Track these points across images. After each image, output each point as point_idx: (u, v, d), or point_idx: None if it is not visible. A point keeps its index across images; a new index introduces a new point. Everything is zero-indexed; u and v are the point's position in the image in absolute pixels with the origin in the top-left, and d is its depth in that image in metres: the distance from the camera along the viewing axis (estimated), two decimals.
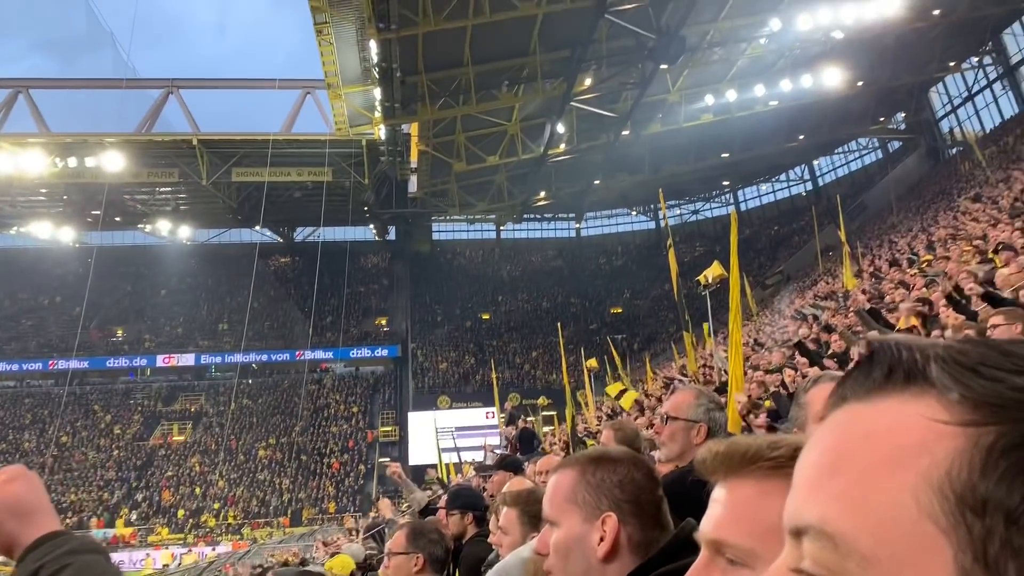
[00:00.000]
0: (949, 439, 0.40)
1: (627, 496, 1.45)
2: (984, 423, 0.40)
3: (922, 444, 0.41)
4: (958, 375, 0.42)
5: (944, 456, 0.40)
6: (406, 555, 3.28)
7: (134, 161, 41.29)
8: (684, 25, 27.74)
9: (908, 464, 0.41)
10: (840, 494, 0.43)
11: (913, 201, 37.37)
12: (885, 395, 0.45)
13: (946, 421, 0.41)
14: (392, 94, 30.63)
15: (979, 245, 11.84)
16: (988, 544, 0.38)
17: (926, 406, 0.42)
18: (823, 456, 0.46)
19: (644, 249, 58.97)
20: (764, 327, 25.49)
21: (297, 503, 40.25)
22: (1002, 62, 40.38)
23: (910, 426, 0.42)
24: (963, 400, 0.41)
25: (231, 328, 50.29)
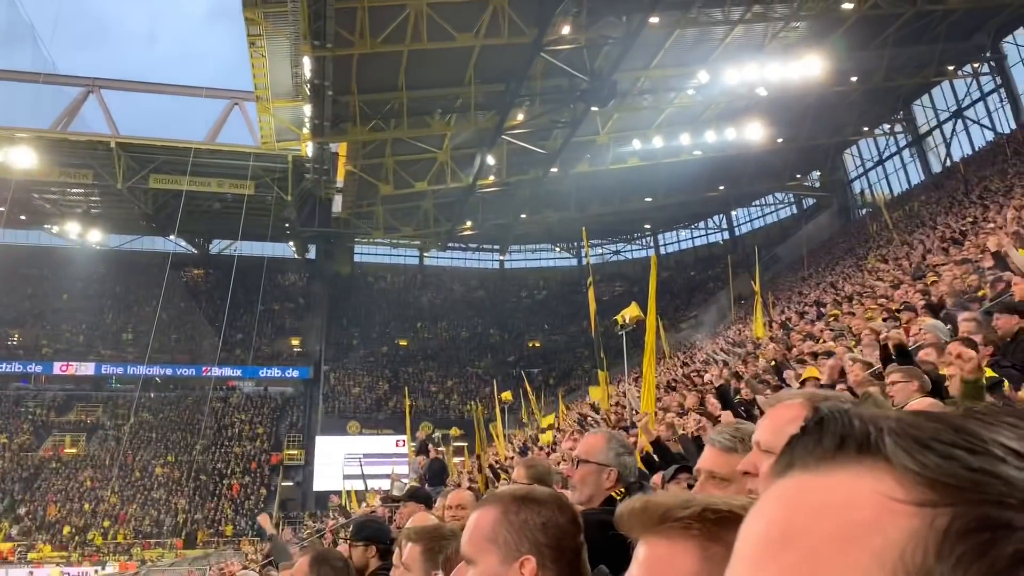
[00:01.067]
0: (904, 518, 0.39)
1: (549, 540, 1.42)
2: (940, 504, 0.39)
3: (875, 522, 0.40)
4: (913, 451, 0.41)
5: (898, 536, 0.39)
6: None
7: (46, 159, 39.64)
8: (617, 70, 28.42)
9: (860, 542, 0.39)
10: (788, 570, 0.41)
11: (824, 256, 38.91)
12: (836, 467, 0.43)
13: (901, 500, 0.40)
14: (322, 112, 30.34)
15: (883, 303, 12.34)
16: None
17: (880, 482, 0.41)
18: (770, 528, 0.43)
19: (565, 285, 59.55)
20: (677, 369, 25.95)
21: (193, 524, 38.72)
22: (911, 131, 42.73)
23: (863, 502, 0.41)
24: (919, 478, 0.40)
25: (136, 339, 48.40)
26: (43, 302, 50.65)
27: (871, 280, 20.10)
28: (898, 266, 20.34)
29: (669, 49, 32.03)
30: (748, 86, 34.25)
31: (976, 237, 16.18)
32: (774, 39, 32.52)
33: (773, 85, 33.70)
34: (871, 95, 37.78)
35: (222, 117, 43.29)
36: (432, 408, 47.61)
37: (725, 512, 0.81)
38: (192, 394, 47.47)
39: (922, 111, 42.09)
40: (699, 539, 0.81)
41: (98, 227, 51.11)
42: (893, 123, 43.52)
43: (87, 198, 47.56)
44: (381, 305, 56.60)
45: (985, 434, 0.41)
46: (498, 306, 58.37)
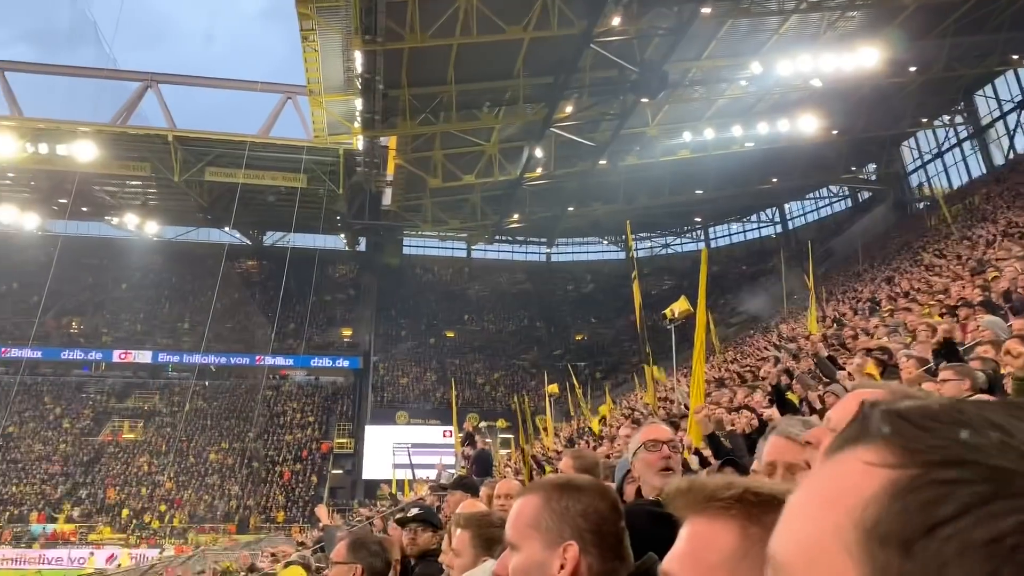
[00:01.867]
0: (875, 479, 0.46)
1: (590, 526, 1.44)
2: (904, 467, 0.45)
3: (854, 486, 0.47)
4: (896, 426, 0.48)
5: (868, 495, 0.45)
6: (345, 565, 3.30)
7: (106, 152, 40.74)
8: (667, 61, 28.13)
9: (840, 503, 0.47)
10: (794, 530, 0.50)
11: (878, 251, 38.06)
12: (848, 448, 0.50)
13: (876, 464, 0.47)
14: (373, 106, 30.59)
15: (941, 299, 12.07)
16: (887, 572, 0.43)
17: (867, 454, 0.48)
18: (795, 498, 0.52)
19: (613, 279, 59.18)
20: (727, 365, 25.69)
21: (245, 510, 39.58)
22: (973, 122, 41.49)
23: (849, 471, 0.48)
24: (893, 447, 0.47)
25: (191, 328, 49.57)
26: (103, 291, 52.14)
27: (928, 275, 19.63)
28: (957, 261, 19.82)
29: (721, 40, 31.61)
30: (802, 77, 33.63)
31: None
32: (830, 29, 31.85)
33: (828, 76, 33.02)
34: (930, 86, 36.80)
35: (275, 111, 43.96)
36: (478, 400, 47.86)
37: (766, 495, 0.84)
38: (245, 382, 48.44)
39: (984, 102, 40.86)
40: (739, 519, 0.84)
41: (155, 219, 52.34)
42: (953, 114, 42.30)
43: (145, 190, 48.77)
44: (429, 297, 57.01)
45: (969, 410, 0.47)
46: (545, 299, 58.34)
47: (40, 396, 46.12)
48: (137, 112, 44.11)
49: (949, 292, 12.60)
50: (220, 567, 18.70)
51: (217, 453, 42.95)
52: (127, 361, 48.05)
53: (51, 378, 47.60)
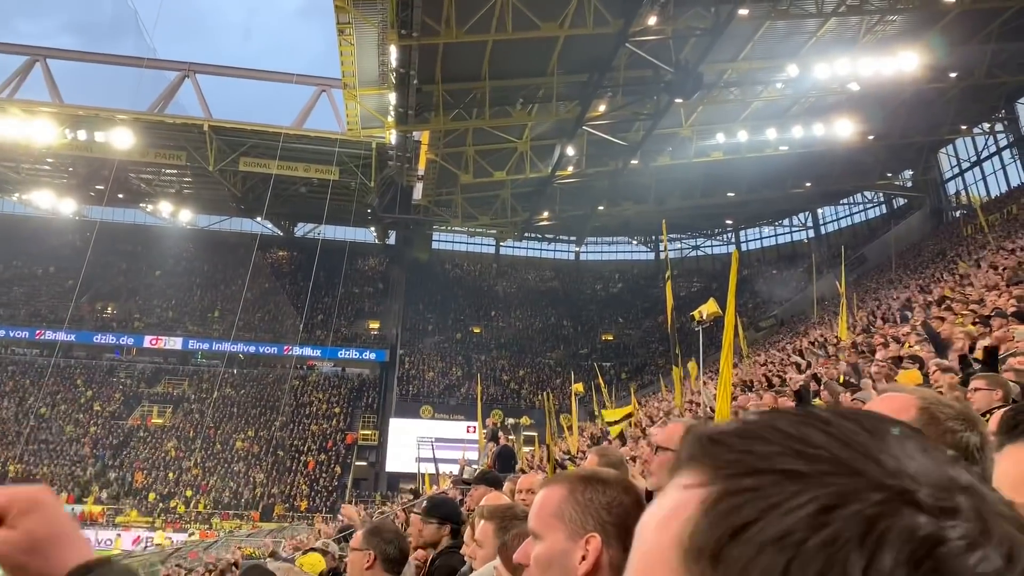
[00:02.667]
0: (691, 500, 0.48)
1: (614, 519, 1.45)
2: (709, 483, 0.48)
3: (675, 508, 0.49)
4: (707, 447, 0.51)
5: (686, 516, 0.48)
6: (360, 551, 3.39)
7: (143, 140, 41.34)
8: (703, 62, 27.91)
9: (667, 526, 0.49)
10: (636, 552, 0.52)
11: (912, 259, 37.53)
12: (676, 472, 0.53)
13: (692, 485, 0.49)
14: (407, 100, 30.72)
15: (976, 309, 11.88)
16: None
17: (684, 476, 0.51)
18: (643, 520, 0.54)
19: (641, 279, 59.03)
20: (756, 368, 25.51)
21: (269, 498, 39.99)
22: (1013, 130, 40.70)
23: (673, 495, 0.50)
24: (703, 467, 0.49)
25: (222, 316, 50.18)
26: (136, 278, 52.94)
27: (963, 284, 19.32)
28: (994, 270, 19.48)
29: (758, 42, 31.31)
30: (839, 81, 33.21)
31: None
32: (869, 33, 31.43)
33: (866, 80, 32.57)
34: (971, 92, 36.14)
35: (310, 104, 44.29)
36: (503, 396, 47.93)
37: None
38: (273, 372, 48.93)
39: None
40: None
41: (189, 207, 53.04)
42: (994, 122, 41.53)
43: (180, 179, 49.43)
44: (456, 292, 57.16)
45: (763, 422, 0.51)
46: (572, 297, 58.26)
47: (72, 379, 46.94)
48: (174, 102, 44.69)
49: (984, 301, 12.40)
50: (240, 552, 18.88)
51: (243, 441, 43.45)
52: (158, 347, 48.77)
53: (84, 361, 48.44)
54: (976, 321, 10.28)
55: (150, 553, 29.54)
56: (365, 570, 3.34)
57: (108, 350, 49.20)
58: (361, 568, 3.35)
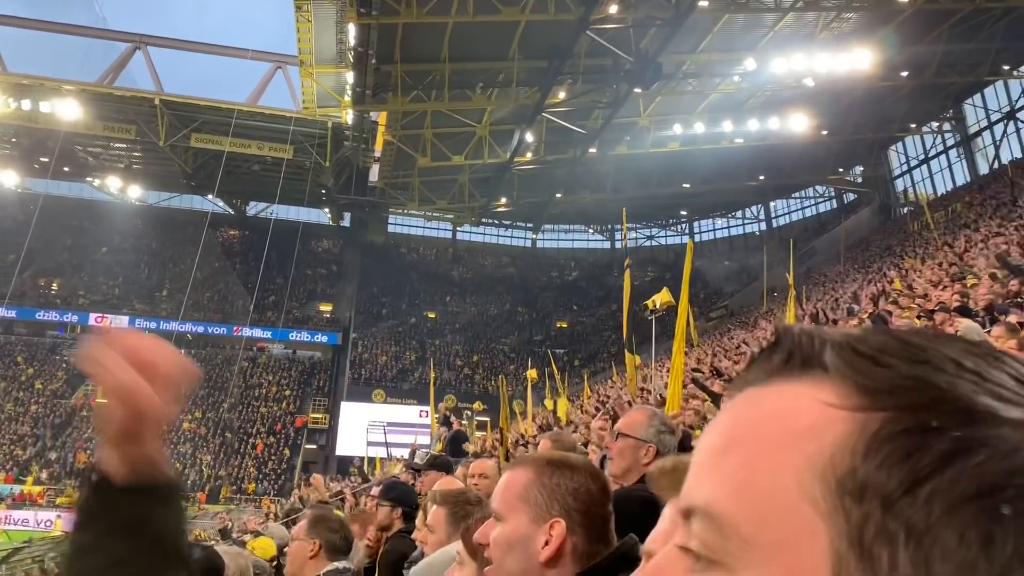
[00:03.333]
0: (838, 424, 0.40)
1: (579, 505, 1.43)
2: (871, 409, 0.40)
3: (812, 428, 0.41)
4: (852, 361, 0.42)
5: (831, 440, 0.40)
6: (304, 541, 3.36)
7: (91, 112, 40.23)
8: (662, 52, 28.04)
9: (796, 447, 0.41)
10: (728, 476, 0.43)
11: (860, 253, 38.35)
12: (782, 380, 0.45)
13: (836, 405, 0.41)
14: (364, 80, 30.36)
15: (920, 304, 12.16)
16: (864, 529, 0.38)
17: (819, 391, 0.42)
18: (717, 437, 0.46)
19: (597, 268, 59.37)
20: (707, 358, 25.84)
21: (216, 480, 39.47)
22: (960, 130, 41.79)
23: (802, 410, 0.42)
24: (854, 385, 0.41)
25: (170, 295, 49.21)
26: (82, 254, 51.60)
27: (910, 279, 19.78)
28: (939, 267, 19.98)
29: (717, 34, 31.57)
30: (795, 76, 33.67)
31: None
32: (825, 29, 31.90)
33: (821, 76, 33.09)
34: (921, 91, 36.99)
35: (265, 80, 43.53)
36: (457, 381, 47.92)
37: None
38: (222, 353, 48.17)
39: (973, 111, 41.14)
40: None
41: (138, 183, 51.83)
42: (942, 121, 42.57)
43: (129, 154, 48.21)
44: (412, 276, 56.86)
45: (929, 347, 0.42)
46: (528, 284, 58.38)
47: (12, 356, 45.66)
48: (125, 74, 43.48)
49: (928, 296, 12.70)
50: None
51: (191, 422, 42.76)
52: (103, 325, 47.54)
53: (25, 338, 47.12)
54: (921, 315, 10.52)
55: None
56: (309, 559, 3.31)
57: (51, 327, 47.91)
58: (304, 557, 3.31)
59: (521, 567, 1.41)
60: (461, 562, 1.88)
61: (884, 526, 0.38)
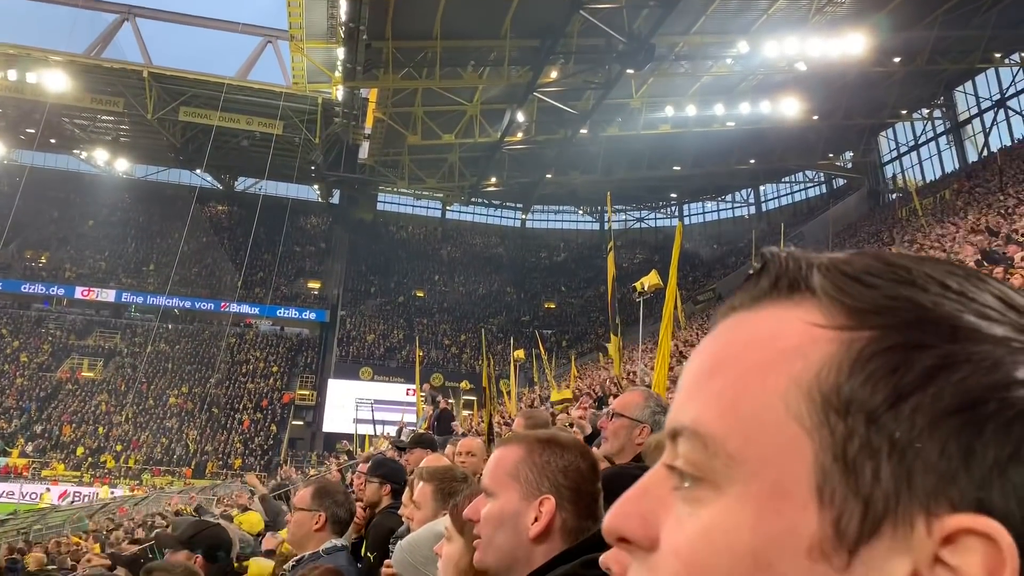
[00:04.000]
0: (824, 343, 0.42)
1: (569, 483, 1.45)
2: (857, 328, 0.41)
3: (798, 348, 0.42)
4: (838, 282, 0.43)
5: (817, 359, 0.41)
6: (308, 512, 3.28)
7: (79, 84, 39.76)
8: (655, 34, 27.93)
9: (782, 367, 0.42)
10: (715, 396, 0.44)
11: (849, 239, 38.50)
12: (769, 303, 0.46)
13: (822, 325, 0.42)
14: (355, 56, 30.09)
15: None
16: (848, 443, 0.39)
17: (806, 312, 0.43)
18: (704, 361, 0.47)
19: (586, 249, 59.42)
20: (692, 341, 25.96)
21: (203, 455, 39.49)
22: (951, 117, 41.86)
23: (788, 331, 0.43)
24: (840, 306, 0.42)
25: (157, 270, 48.95)
26: (68, 227, 51.22)
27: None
28: (924, 253, 20.09)
29: (711, 16, 31.43)
30: (788, 60, 33.63)
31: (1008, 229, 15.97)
32: (818, 13, 31.80)
33: (813, 60, 33.05)
34: (913, 78, 37.00)
35: (255, 55, 43.15)
36: (444, 360, 47.99)
37: None
38: (209, 328, 48.04)
39: (964, 98, 41.19)
40: None
41: (126, 156, 51.36)
42: (932, 108, 42.63)
43: (117, 126, 47.73)
44: (401, 255, 56.76)
45: (914, 268, 0.43)
46: (516, 265, 58.35)
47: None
48: (113, 46, 43.03)
49: None
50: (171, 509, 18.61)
51: (177, 397, 42.70)
52: (89, 299, 47.39)
53: (10, 311, 46.79)
54: None
55: (78, 507, 28.95)
56: (314, 531, 3.23)
57: (37, 300, 47.59)
58: (309, 529, 3.24)
59: (511, 543, 1.44)
60: (449, 538, 1.91)
61: (868, 440, 0.39)
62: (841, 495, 0.39)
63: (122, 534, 14.93)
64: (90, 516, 24.01)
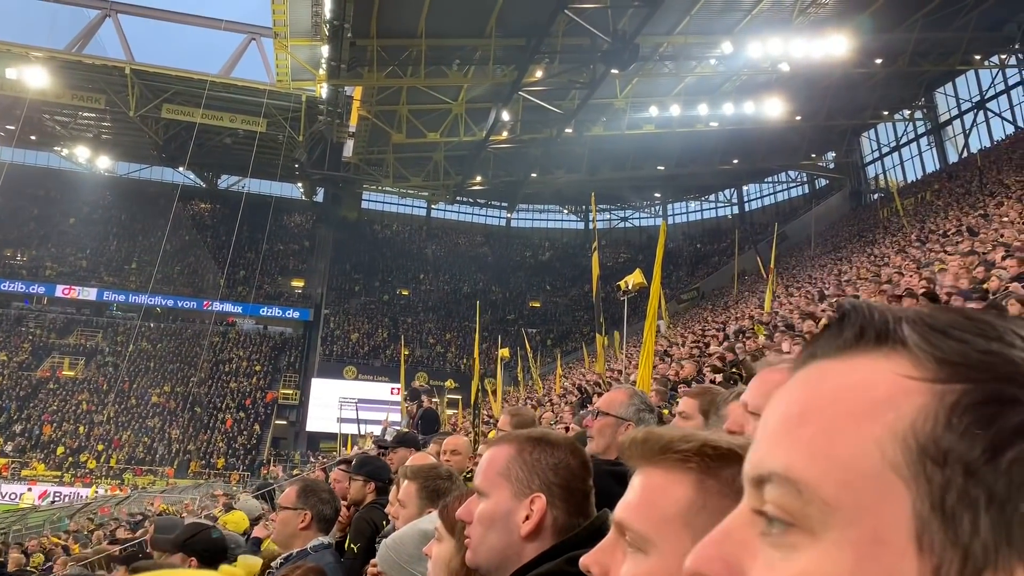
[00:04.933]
0: (916, 395, 0.42)
1: (559, 480, 1.46)
2: (950, 381, 0.42)
3: (890, 398, 0.43)
4: (929, 336, 0.44)
5: (910, 410, 0.42)
6: (294, 510, 3.28)
7: (60, 80, 39.36)
8: (640, 34, 27.98)
9: (875, 416, 0.43)
10: (807, 443, 0.44)
11: (831, 238, 38.76)
12: (856, 353, 0.46)
13: (915, 377, 0.43)
14: (340, 54, 30.01)
15: (887, 289, 12.36)
16: (946, 493, 0.40)
17: (896, 364, 0.44)
18: (791, 407, 0.47)
19: (570, 248, 59.53)
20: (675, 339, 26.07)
21: (185, 455, 39.24)
22: (931, 118, 42.27)
23: (879, 381, 0.44)
24: (932, 359, 0.43)
25: (139, 268, 48.59)
26: (49, 224, 50.72)
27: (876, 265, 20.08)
28: (905, 254, 20.29)
29: (695, 16, 31.55)
30: (771, 61, 33.81)
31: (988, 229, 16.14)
32: (802, 14, 32.00)
33: (797, 61, 33.25)
34: (894, 79, 37.31)
35: (238, 52, 42.84)
36: (429, 359, 47.94)
37: (724, 449, 0.83)
38: (192, 327, 47.74)
39: (944, 99, 41.60)
40: (696, 472, 0.83)
41: (107, 153, 50.93)
42: (914, 109, 43.03)
43: (98, 123, 47.32)
44: (385, 253, 56.63)
45: (999, 324, 0.44)
46: (501, 263, 58.36)
47: None
48: (94, 42, 42.53)
49: (894, 281, 12.91)
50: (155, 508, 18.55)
51: (159, 396, 42.41)
52: (70, 297, 46.96)
53: None
54: (889, 301, 10.70)
55: (58, 507, 28.71)
56: (300, 530, 3.24)
57: (17, 298, 47.10)
58: (295, 528, 3.25)
59: (503, 541, 1.45)
60: (439, 538, 1.92)
61: (966, 491, 0.39)
62: (940, 544, 0.39)
63: (103, 534, 14.82)
64: (70, 516, 23.82)
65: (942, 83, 40.47)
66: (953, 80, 39.92)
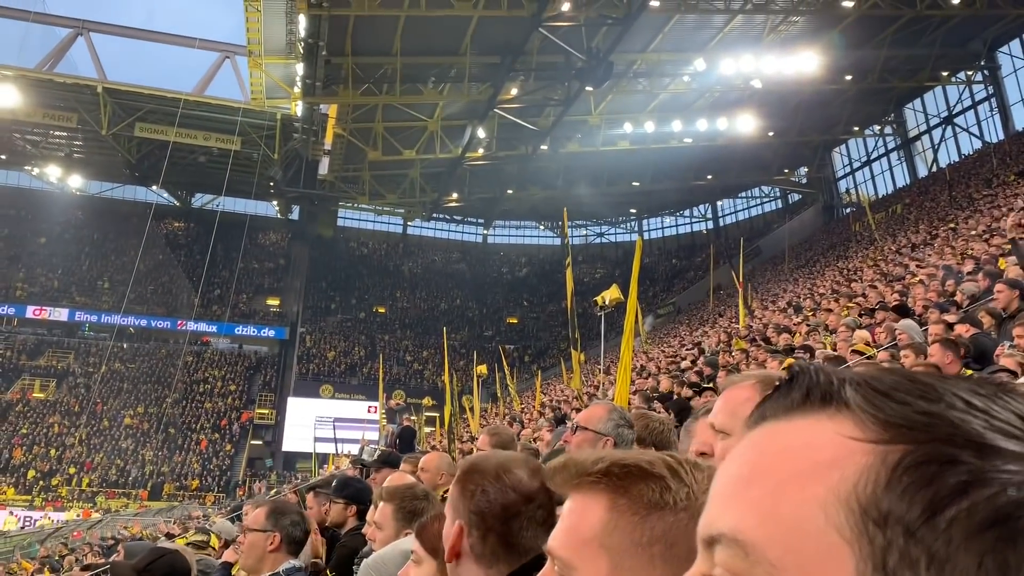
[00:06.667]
0: (860, 455, 0.43)
1: (474, 508, 1.50)
2: (892, 442, 0.43)
3: (834, 460, 0.44)
4: (871, 397, 0.45)
5: (853, 471, 0.42)
6: (263, 532, 3.20)
7: (30, 99, 39.06)
8: (613, 51, 28.27)
9: (820, 478, 0.43)
10: (753, 505, 0.45)
11: (804, 252, 39.16)
12: (802, 415, 0.47)
13: (858, 438, 0.44)
14: (315, 72, 30.00)
15: (860, 303, 12.49)
16: (888, 555, 0.40)
17: (840, 425, 0.45)
18: (741, 468, 0.48)
19: (547, 264, 59.60)
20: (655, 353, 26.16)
21: (159, 477, 38.66)
22: (901, 134, 42.98)
23: (824, 443, 0.45)
24: (875, 420, 0.44)
25: (112, 288, 48.00)
26: (19, 244, 50.01)
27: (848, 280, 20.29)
28: (876, 266, 20.53)
29: (668, 34, 31.91)
30: (743, 77, 34.21)
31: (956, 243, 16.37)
32: (773, 32, 32.48)
33: (768, 78, 33.68)
34: (864, 95, 37.91)
35: (212, 70, 42.71)
36: (406, 377, 47.66)
37: (631, 466, 0.84)
38: (166, 347, 47.19)
39: (913, 115, 42.32)
40: (607, 492, 0.84)
41: (79, 172, 50.45)
42: (884, 124, 43.72)
43: (70, 142, 46.90)
44: (361, 271, 56.41)
45: (939, 386, 0.45)
46: (478, 280, 58.33)
47: None
48: (66, 60, 42.29)
49: (867, 296, 13.05)
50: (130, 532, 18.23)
51: (133, 417, 41.79)
52: (41, 318, 46.26)
53: None
54: (861, 313, 10.82)
55: (28, 532, 28.17)
56: (268, 552, 3.16)
57: None
58: (264, 550, 3.16)
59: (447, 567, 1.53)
60: (418, 561, 1.90)
61: (907, 552, 0.40)
62: None
63: (73, 559, 14.55)
64: (41, 541, 23.37)
65: (911, 99, 41.18)
66: (922, 96, 40.65)
